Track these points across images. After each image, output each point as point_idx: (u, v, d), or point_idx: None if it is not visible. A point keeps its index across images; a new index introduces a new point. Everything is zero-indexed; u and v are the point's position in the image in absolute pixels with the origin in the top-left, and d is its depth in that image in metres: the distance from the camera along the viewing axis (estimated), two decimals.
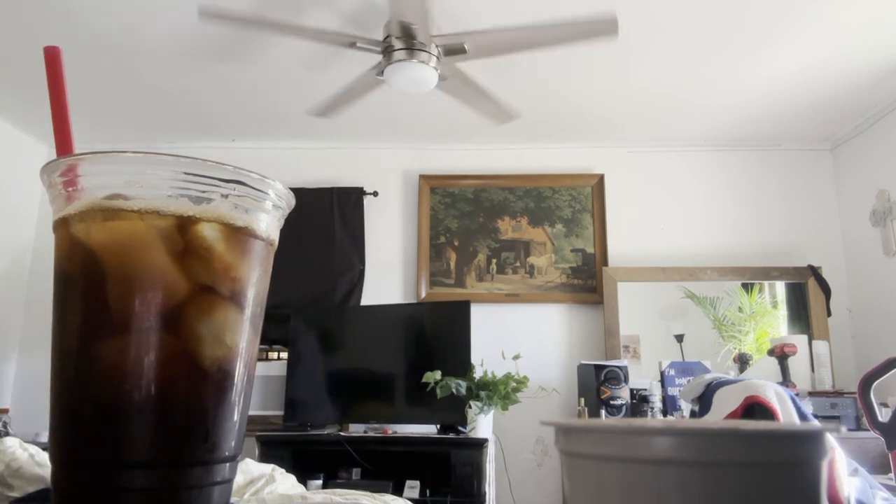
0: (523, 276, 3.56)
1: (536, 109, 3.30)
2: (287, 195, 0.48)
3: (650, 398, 2.93)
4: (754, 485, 0.26)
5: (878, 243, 3.20)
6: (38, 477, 0.60)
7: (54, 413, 0.43)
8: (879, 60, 2.78)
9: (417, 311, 3.39)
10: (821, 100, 3.15)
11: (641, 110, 3.32)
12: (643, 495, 0.27)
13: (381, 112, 3.38)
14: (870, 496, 1.02)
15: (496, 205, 3.66)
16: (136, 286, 0.42)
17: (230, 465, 0.45)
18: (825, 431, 0.27)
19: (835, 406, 2.87)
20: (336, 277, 3.53)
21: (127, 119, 3.50)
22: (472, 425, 2.76)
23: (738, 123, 3.43)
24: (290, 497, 0.64)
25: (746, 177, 3.62)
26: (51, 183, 0.45)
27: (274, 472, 0.73)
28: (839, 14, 2.47)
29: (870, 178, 3.29)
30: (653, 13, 2.49)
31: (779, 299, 3.48)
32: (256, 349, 0.48)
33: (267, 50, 2.76)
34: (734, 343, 3.40)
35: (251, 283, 0.46)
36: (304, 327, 3.32)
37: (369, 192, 3.65)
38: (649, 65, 2.87)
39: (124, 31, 2.65)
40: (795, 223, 3.54)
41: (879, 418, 1.38)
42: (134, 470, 0.41)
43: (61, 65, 0.51)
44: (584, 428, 0.29)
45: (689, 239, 3.54)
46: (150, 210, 0.42)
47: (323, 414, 3.16)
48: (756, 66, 2.86)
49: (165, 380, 0.41)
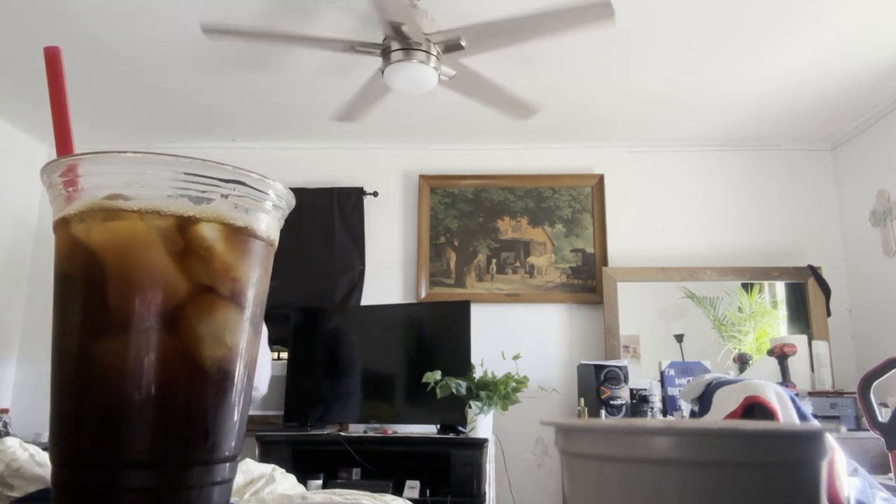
0: (523, 276, 3.56)
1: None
2: (287, 195, 0.48)
3: (650, 398, 2.93)
4: (754, 485, 0.26)
5: (878, 243, 3.20)
6: (38, 477, 0.60)
7: (54, 413, 0.43)
8: (879, 60, 2.78)
9: (417, 311, 3.39)
10: (821, 100, 3.15)
11: (641, 110, 3.32)
12: (643, 495, 0.27)
13: (381, 112, 3.36)
14: (869, 496, 1.02)
15: (496, 205, 3.66)
16: (137, 286, 0.42)
17: (230, 465, 0.45)
18: (825, 431, 0.27)
19: (834, 406, 2.87)
20: (336, 277, 3.53)
21: (127, 119, 3.50)
22: (471, 425, 2.76)
23: (738, 123, 3.43)
24: (290, 497, 0.64)
25: (746, 177, 3.62)
26: (51, 183, 0.45)
27: (274, 472, 0.73)
28: (839, 14, 2.47)
29: (870, 178, 3.29)
30: (653, 13, 2.49)
31: (779, 299, 3.48)
32: (257, 349, 0.48)
33: (268, 52, 2.76)
34: (734, 343, 3.40)
35: (251, 283, 0.46)
36: (304, 327, 3.32)
37: (369, 192, 3.66)
38: (649, 65, 2.87)
39: (124, 31, 2.65)
40: (795, 223, 3.54)
41: (879, 418, 1.38)
42: (134, 470, 0.41)
43: (61, 65, 0.51)
44: (584, 428, 0.29)
45: (689, 239, 3.54)
46: (150, 210, 0.42)
47: (323, 414, 3.17)
48: (756, 66, 2.86)
49: (165, 380, 0.42)
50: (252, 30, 2.31)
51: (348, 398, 3.16)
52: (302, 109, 3.35)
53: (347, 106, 2.69)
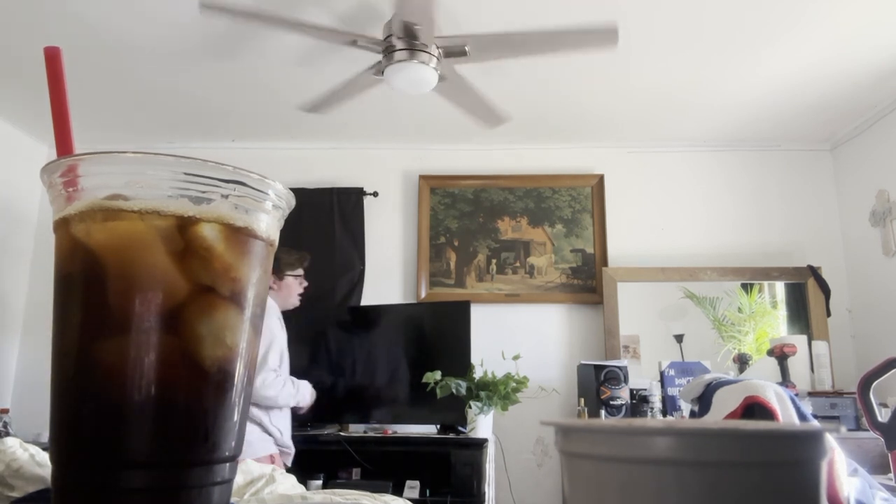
0: (523, 277, 3.56)
1: (536, 109, 3.30)
2: (287, 195, 0.48)
3: (650, 398, 2.93)
4: (754, 485, 0.26)
5: (878, 243, 3.20)
6: (38, 477, 0.60)
7: (55, 413, 0.43)
8: (879, 61, 2.79)
9: (417, 311, 3.39)
10: (821, 100, 3.15)
11: (641, 110, 3.32)
12: (643, 495, 0.27)
13: (381, 112, 3.38)
14: (869, 496, 1.02)
15: (496, 205, 3.66)
16: (137, 286, 0.42)
17: (230, 465, 0.45)
18: (825, 432, 0.27)
19: (834, 406, 2.87)
20: (336, 277, 3.53)
21: (127, 119, 3.50)
22: (471, 425, 2.76)
23: (738, 123, 3.43)
24: (290, 497, 0.64)
25: (746, 177, 3.62)
26: (51, 183, 0.45)
27: (274, 472, 0.73)
28: (839, 14, 2.47)
29: (869, 178, 3.29)
30: (653, 13, 2.49)
31: (778, 299, 3.48)
32: (257, 349, 0.48)
33: (266, 49, 2.76)
34: (734, 343, 3.40)
35: (251, 284, 0.46)
36: (303, 327, 3.32)
37: (369, 192, 3.66)
38: (649, 65, 2.87)
39: (124, 31, 2.64)
40: (795, 223, 3.54)
41: (879, 418, 1.38)
42: (134, 470, 0.41)
43: (61, 65, 0.51)
44: (583, 428, 0.29)
45: (689, 239, 3.54)
46: (150, 210, 0.42)
47: (323, 414, 3.16)
48: (756, 67, 2.86)
49: (165, 380, 0.42)
50: (250, 9, 2.27)
51: (348, 398, 3.16)
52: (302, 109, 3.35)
53: (323, 97, 2.66)
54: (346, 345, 3.29)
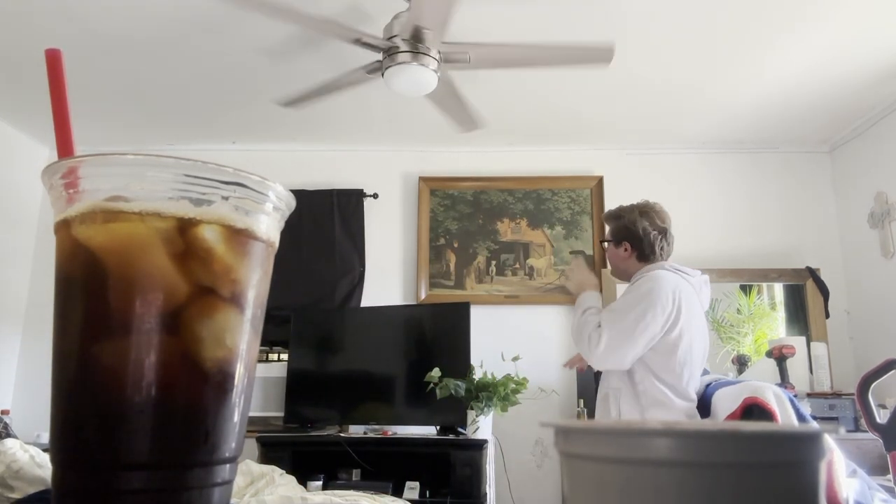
0: (523, 278, 3.56)
1: (535, 111, 3.30)
2: (287, 197, 0.48)
3: None
4: (753, 486, 0.26)
5: (876, 245, 3.20)
6: (38, 478, 0.60)
7: (55, 414, 0.43)
8: (877, 63, 2.79)
9: (417, 312, 3.39)
10: (819, 102, 3.15)
11: (641, 112, 3.32)
12: (642, 496, 0.27)
13: (381, 114, 3.38)
14: (868, 497, 1.02)
15: (495, 207, 3.66)
16: (137, 288, 0.42)
17: (230, 466, 0.45)
18: (823, 432, 0.27)
19: (833, 407, 2.87)
20: (336, 279, 3.53)
21: (127, 121, 3.50)
22: (471, 427, 2.76)
23: (737, 125, 3.43)
24: (291, 498, 0.64)
25: (745, 179, 3.62)
26: (52, 185, 0.45)
27: (274, 473, 0.73)
28: (837, 17, 2.47)
29: (868, 180, 3.29)
30: (653, 15, 2.49)
31: (777, 301, 3.48)
32: (257, 351, 0.48)
33: (264, 46, 2.76)
34: (733, 344, 3.40)
35: (251, 285, 0.46)
36: (304, 329, 3.32)
37: (369, 194, 3.66)
38: (649, 67, 2.87)
39: (124, 30, 2.64)
40: (794, 225, 3.54)
41: (878, 419, 1.38)
42: (134, 471, 0.41)
43: (62, 67, 0.51)
44: (583, 429, 0.29)
45: (688, 240, 3.54)
46: (150, 212, 0.42)
47: (323, 415, 3.16)
48: (755, 69, 2.86)
49: (166, 381, 0.42)
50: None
51: (348, 399, 3.16)
52: (303, 111, 3.35)
53: (302, 93, 2.63)
54: (346, 346, 3.29)
